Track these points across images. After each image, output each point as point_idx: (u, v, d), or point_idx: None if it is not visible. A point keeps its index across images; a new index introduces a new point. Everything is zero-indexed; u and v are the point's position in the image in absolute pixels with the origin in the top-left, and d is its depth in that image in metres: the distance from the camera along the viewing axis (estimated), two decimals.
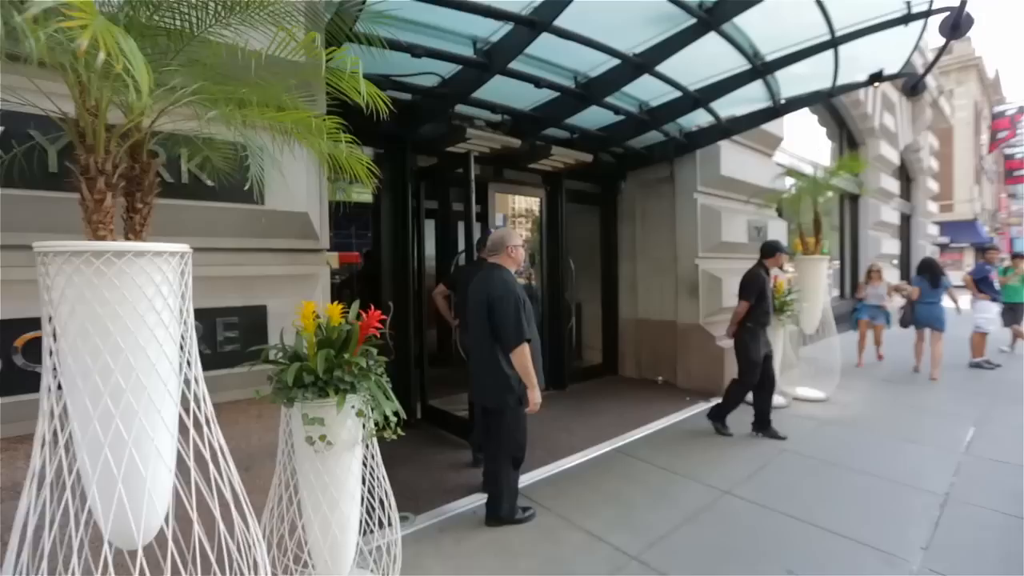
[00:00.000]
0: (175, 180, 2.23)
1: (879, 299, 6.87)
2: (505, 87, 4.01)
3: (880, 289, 6.89)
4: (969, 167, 26.28)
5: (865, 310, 7.00)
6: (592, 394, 5.77)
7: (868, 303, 6.96)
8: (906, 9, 3.49)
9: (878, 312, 6.91)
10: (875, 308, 6.90)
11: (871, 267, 7.14)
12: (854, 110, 10.09)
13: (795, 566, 2.52)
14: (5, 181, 1.76)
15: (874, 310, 6.92)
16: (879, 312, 6.90)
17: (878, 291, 6.89)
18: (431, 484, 3.45)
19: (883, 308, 6.87)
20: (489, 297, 2.74)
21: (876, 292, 6.90)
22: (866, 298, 6.98)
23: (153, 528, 1.51)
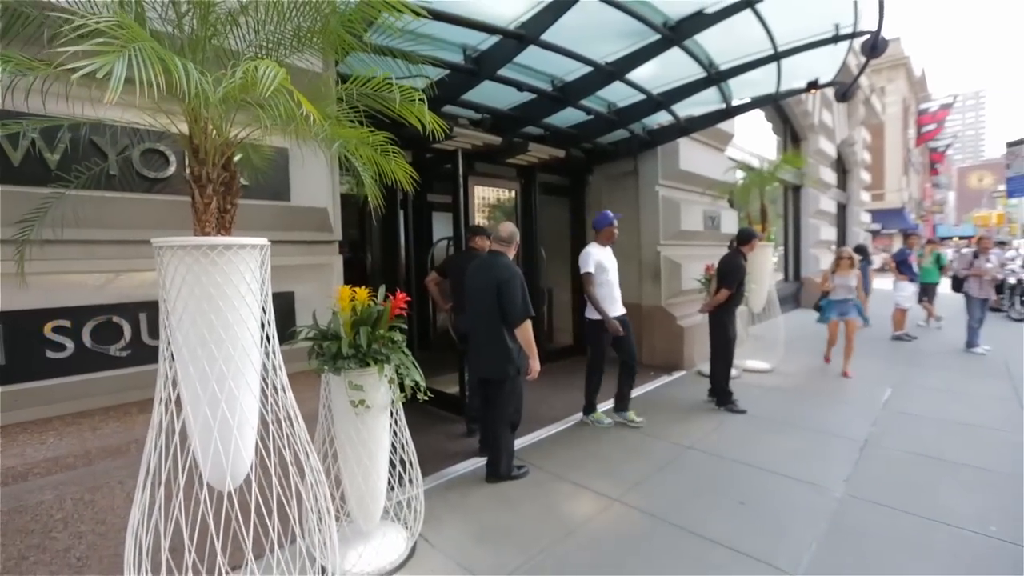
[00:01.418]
0: None
1: (848, 291, 5.84)
2: (489, 89, 4.35)
3: (850, 279, 5.83)
4: (898, 159, 28.43)
5: (833, 308, 5.98)
6: (566, 372, 6.25)
7: (836, 298, 5.96)
8: (835, 31, 4.06)
9: (848, 307, 5.91)
10: (844, 303, 5.92)
11: (840, 253, 6.02)
12: (797, 108, 10.94)
13: (745, 499, 3.08)
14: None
15: (843, 305, 5.92)
16: (849, 307, 5.91)
17: (847, 282, 5.83)
18: (432, 452, 3.82)
19: (853, 301, 5.89)
20: (498, 280, 3.13)
21: (845, 283, 5.85)
22: (833, 291, 5.95)
23: (240, 474, 1.83)
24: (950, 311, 9.01)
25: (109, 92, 1.03)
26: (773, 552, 2.55)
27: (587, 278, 4.26)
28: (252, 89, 1.16)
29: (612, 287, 4.39)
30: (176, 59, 1.12)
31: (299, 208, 2.83)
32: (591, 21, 3.71)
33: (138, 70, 1.04)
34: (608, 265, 4.38)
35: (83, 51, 1.03)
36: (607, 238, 4.50)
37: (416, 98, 1.70)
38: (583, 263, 4.29)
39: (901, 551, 2.54)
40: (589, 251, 4.35)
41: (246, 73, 1.16)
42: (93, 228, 2.13)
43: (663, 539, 2.68)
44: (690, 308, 6.32)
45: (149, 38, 1.16)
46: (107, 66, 1.00)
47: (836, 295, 5.91)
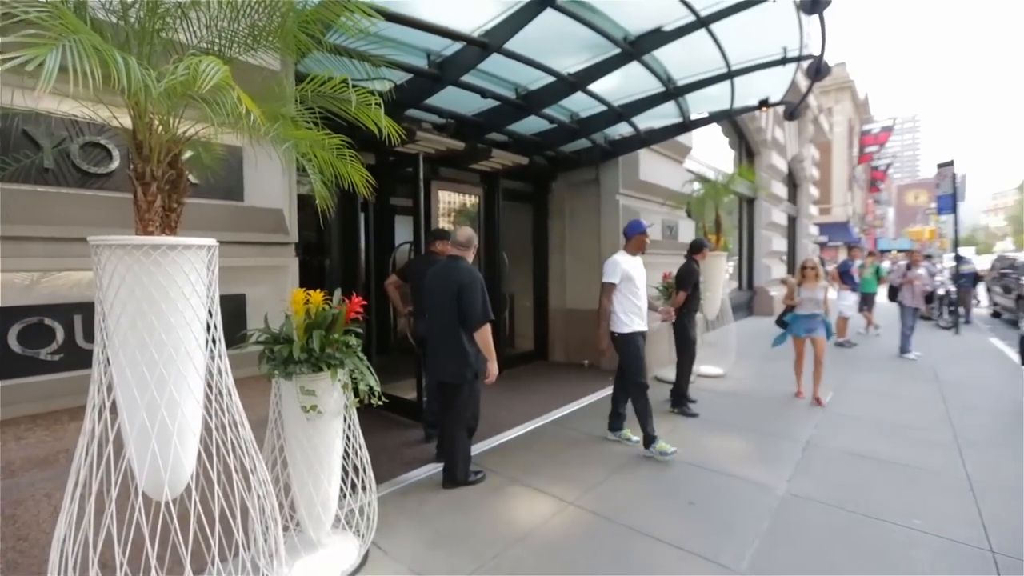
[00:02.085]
0: None
1: (816, 305, 5.18)
2: (453, 95, 4.36)
3: (817, 292, 5.19)
4: (843, 176, 30.05)
5: (800, 323, 5.28)
6: (526, 377, 6.30)
7: (803, 313, 5.25)
8: (783, 54, 4.28)
9: (815, 323, 5.21)
10: (811, 319, 5.22)
11: (805, 263, 5.39)
12: (751, 124, 11.43)
13: (695, 499, 3.18)
14: None
15: (810, 321, 5.22)
16: (817, 323, 5.21)
17: (815, 295, 5.18)
18: (389, 458, 3.77)
19: (821, 317, 5.23)
20: (459, 283, 3.13)
21: (813, 297, 5.19)
22: (800, 305, 5.26)
23: (180, 483, 1.76)
24: (886, 320, 9.58)
25: (40, 83, 0.98)
26: (718, 550, 2.64)
27: (607, 288, 3.92)
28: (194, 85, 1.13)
29: (639, 299, 4.01)
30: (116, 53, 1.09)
31: (253, 209, 2.76)
32: (554, 33, 3.78)
33: (73, 62, 1.00)
34: (636, 276, 4.01)
35: (12, 42, 0.98)
36: (637, 247, 4.13)
37: (373, 102, 1.69)
38: (609, 272, 3.94)
39: (836, 545, 2.68)
40: (617, 260, 3.99)
41: (188, 68, 1.13)
42: (23, 224, 2.00)
43: (615, 541, 2.74)
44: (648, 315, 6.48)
45: (87, 29, 1.12)
46: (39, 58, 0.96)
47: (803, 310, 5.24)
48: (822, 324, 5.22)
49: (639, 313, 4.02)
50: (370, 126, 1.76)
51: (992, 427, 4.45)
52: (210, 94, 1.21)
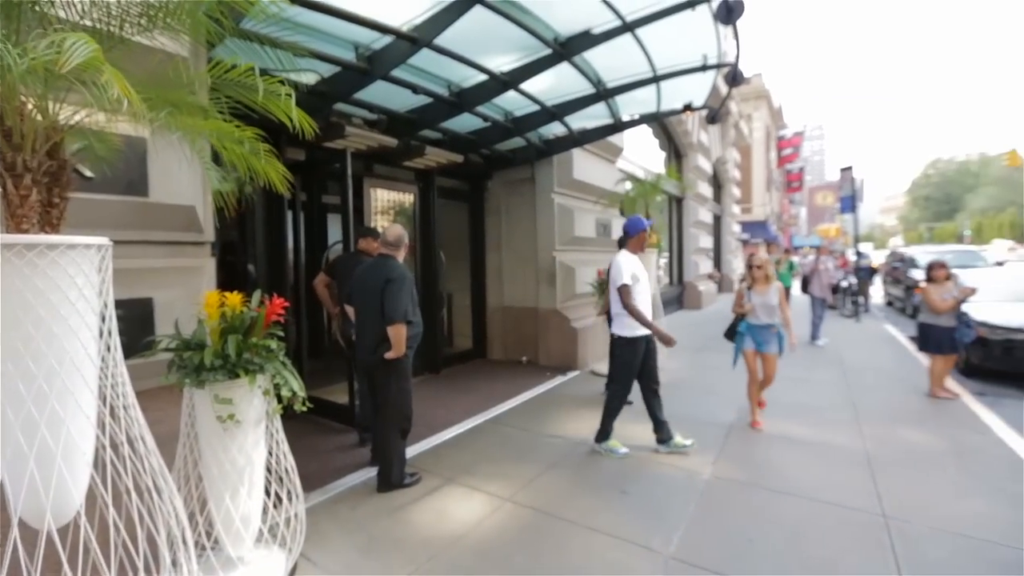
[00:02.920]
0: None
1: (770, 313, 4.28)
2: (384, 90, 4.26)
3: (770, 297, 4.27)
4: (762, 178, 32.20)
5: (751, 335, 4.38)
6: (464, 376, 6.27)
7: (756, 322, 4.35)
8: (703, 61, 4.51)
9: (769, 336, 4.32)
10: (764, 330, 4.32)
11: (752, 261, 4.49)
12: (678, 127, 11.99)
13: (627, 488, 3.29)
14: None
15: (764, 332, 4.32)
16: (771, 336, 4.32)
17: (767, 300, 4.27)
18: (319, 466, 3.62)
19: (777, 328, 4.32)
20: (386, 279, 3.05)
21: (765, 303, 4.29)
22: (751, 313, 4.36)
23: (68, 509, 1.59)
24: (797, 311, 10.36)
25: None
26: (649, 535, 2.74)
27: (625, 291, 3.70)
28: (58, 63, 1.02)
29: (645, 300, 3.85)
30: None
31: (160, 205, 2.55)
32: (486, 31, 3.78)
33: None
34: (640, 275, 3.85)
35: None
36: (639, 246, 3.98)
37: (283, 92, 1.60)
38: (617, 275, 3.76)
39: (754, 521, 2.86)
40: (620, 261, 3.81)
41: (52, 44, 1.01)
42: None
43: (551, 533, 2.78)
44: (584, 311, 6.65)
45: None
46: None
47: (756, 318, 4.33)
48: (776, 337, 4.30)
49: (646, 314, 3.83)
50: (280, 117, 1.67)
51: (887, 405, 4.93)
52: (87, 75, 1.09)
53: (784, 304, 4.30)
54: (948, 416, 4.62)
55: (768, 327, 4.33)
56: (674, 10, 3.72)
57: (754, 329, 4.41)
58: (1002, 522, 2.82)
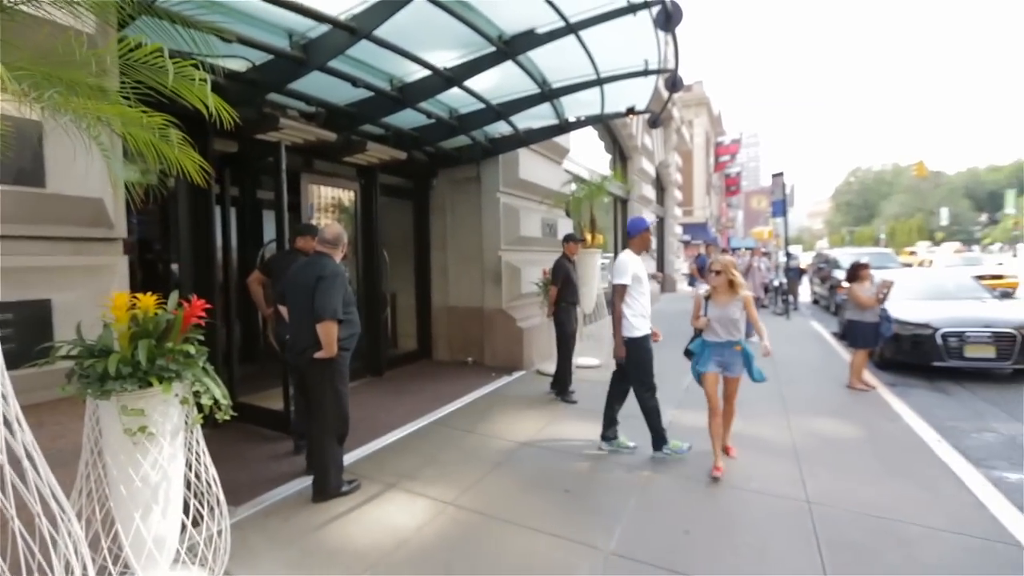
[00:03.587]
0: None
1: (732, 328, 3.55)
2: (322, 81, 4.08)
3: (732, 309, 3.53)
4: (703, 182, 33.65)
5: (709, 355, 3.61)
6: (409, 378, 6.14)
7: (713, 339, 3.59)
8: (644, 66, 4.62)
9: (732, 355, 3.57)
10: (725, 348, 3.56)
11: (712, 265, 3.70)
12: (623, 131, 12.28)
13: (571, 487, 3.31)
14: None
15: (724, 351, 3.57)
16: (734, 356, 3.58)
17: (727, 313, 3.53)
18: (251, 477, 3.42)
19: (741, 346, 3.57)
20: (319, 276, 2.91)
21: (725, 316, 3.53)
22: (708, 329, 3.61)
23: None
24: None
25: None
26: (590, 532, 2.77)
27: (620, 290, 3.65)
28: None
29: (646, 300, 3.80)
30: None
31: (60, 197, 2.31)
32: (428, 25, 3.70)
33: None
34: (643, 276, 3.77)
35: None
36: (642, 245, 3.93)
37: (197, 77, 1.48)
38: (620, 273, 3.67)
39: (690, 512, 2.96)
40: (626, 261, 3.72)
41: None
42: None
43: (493, 536, 2.75)
44: (529, 311, 6.67)
45: None
46: None
47: (712, 335, 3.58)
48: (740, 357, 3.55)
49: (646, 314, 3.79)
50: (195, 103, 1.54)
51: (812, 397, 5.25)
52: None
53: (753, 314, 3.55)
54: (865, 406, 4.97)
55: (729, 345, 3.54)
56: (616, 14, 3.77)
57: (712, 348, 3.59)
58: (911, 502, 3.06)
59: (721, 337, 3.59)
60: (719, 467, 3.46)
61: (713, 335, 3.62)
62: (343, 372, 3.09)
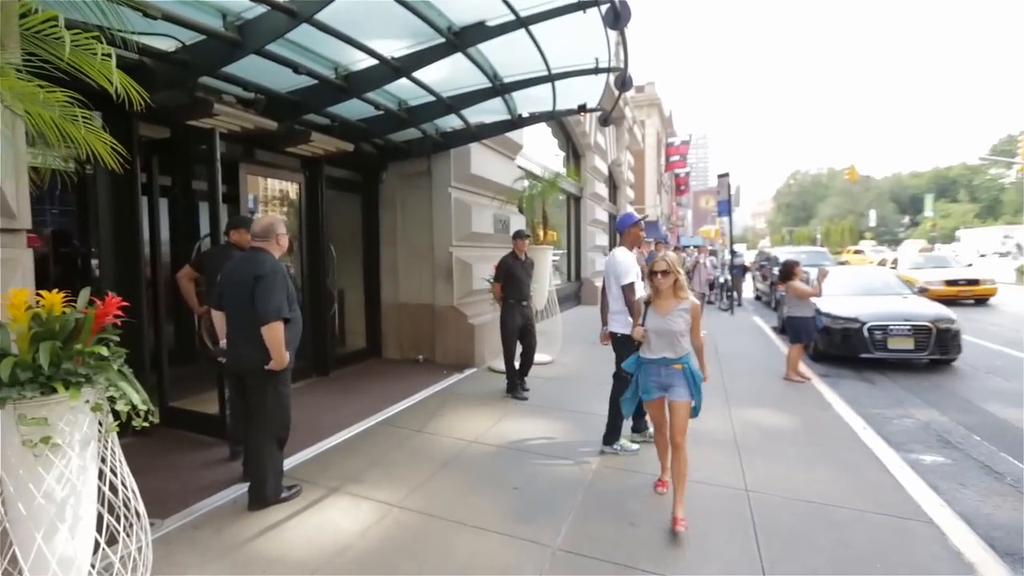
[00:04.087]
0: None
1: (672, 343, 2.87)
2: (260, 66, 3.87)
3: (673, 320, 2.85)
4: (654, 181, 34.56)
5: (647, 375, 2.95)
6: (356, 377, 5.97)
7: (651, 356, 2.92)
8: (595, 64, 4.65)
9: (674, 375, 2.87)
10: (664, 367, 2.88)
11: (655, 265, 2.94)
12: (577, 129, 12.39)
13: (519, 484, 3.30)
14: None
15: (664, 372, 2.89)
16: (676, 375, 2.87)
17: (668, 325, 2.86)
18: (180, 487, 3.21)
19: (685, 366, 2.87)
20: (256, 275, 2.75)
21: (665, 328, 2.86)
22: (646, 342, 2.94)
23: None
24: None
25: None
26: (538, 529, 2.76)
27: (630, 288, 3.61)
28: None
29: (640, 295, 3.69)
30: None
31: None
32: (375, 12, 3.58)
33: None
34: (637, 272, 3.76)
35: None
36: (634, 241, 3.96)
37: (99, 51, 1.34)
38: (624, 273, 3.63)
39: (635, 505, 3.01)
40: (623, 260, 3.70)
41: None
42: None
43: (439, 537, 2.69)
44: (481, 308, 6.62)
45: None
46: None
47: (649, 351, 2.94)
48: (683, 378, 2.85)
49: None
50: (98, 79, 1.40)
51: (752, 389, 5.48)
52: None
53: (697, 328, 2.90)
54: (799, 396, 5.24)
55: (668, 364, 2.86)
56: (566, 10, 3.77)
57: (650, 367, 2.92)
58: (839, 486, 3.23)
59: (656, 354, 2.89)
60: (664, 481, 3.20)
61: (648, 351, 2.94)
62: (284, 373, 2.93)
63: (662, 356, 2.91)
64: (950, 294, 12.64)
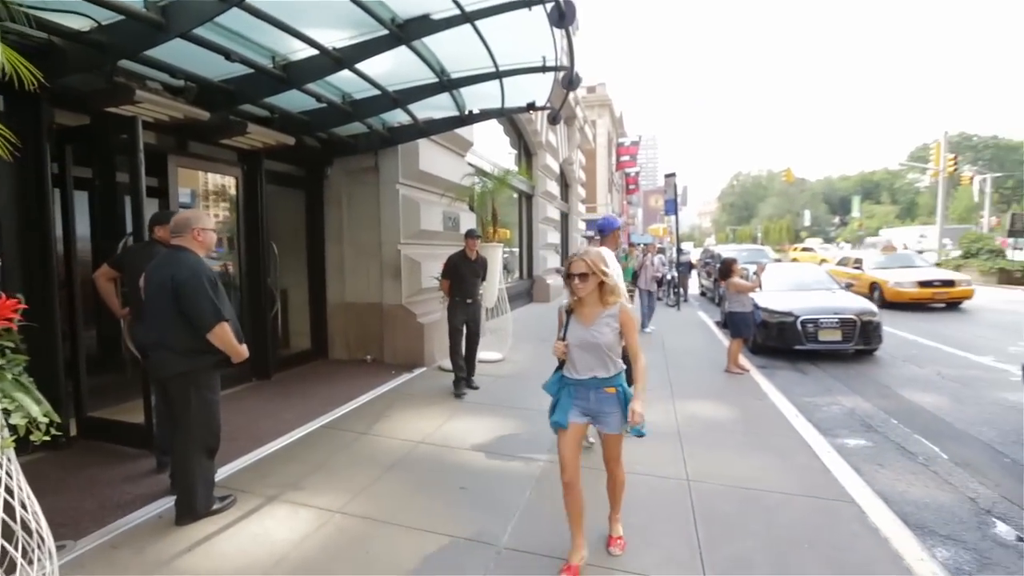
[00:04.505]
0: None
1: (601, 359, 2.34)
2: (189, 51, 3.64)
3: (598, 329, 2.32)
4: (605, 180, 35.28)
5: (567, 398, 2.42)
6: (301, 379, 5.75)
7: (575, 376, 2.38)
8: (542, 62, 4.67)
9: (604, 400, 2.35)
10: (590, 389, 2.35)
11: (571, 265, 2.37)
12: (528, 127, 12.45)
13: (466, 484, 3.26)
14: None
15: (589, 394, 2.36)
16: (606, 399, 2.34)
17: (594, 336, 2.32)
18: (98, 504, 2.97)
19: (619, 389, 2.34)
20: (174, 280, 2.56)
21: (590, 341, 2.32)
22: (574, 361, 2.38)
23: None
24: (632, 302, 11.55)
25: None
26: (484, 528, 2.74)
27: None
28: None
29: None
30: None
31: None
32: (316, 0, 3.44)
33: None
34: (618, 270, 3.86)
35: None
36: (615, 243, 4.28)
37: None
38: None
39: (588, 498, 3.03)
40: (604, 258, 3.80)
41: None
42: None
43: (382, 541, 2.62)
44: (430, 306, 6.53)
45: None
46: None
47: (576, 369, 2.39)
48: (617, 404, 2.34)
49: None
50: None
51: (695, 382, 5.68)
52: None
53: (633, 341, 2.36)
54: (739, 388, 5.47)
55: (598, 386, 2.32)
56: (511, 6, 3.75)
57: (576, 389, 2.37)
58: (773, 472, 3.39)
59: (581, 373, 2.34)
60: (572, 567, 2.33)
61: (571, 370, 2.38)
62: (211, 379, 2.77)
63: (591, 376, 2.33)
64: (923, 297, 11.23)
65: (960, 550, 2.74)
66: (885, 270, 12.47)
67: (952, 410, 4.94)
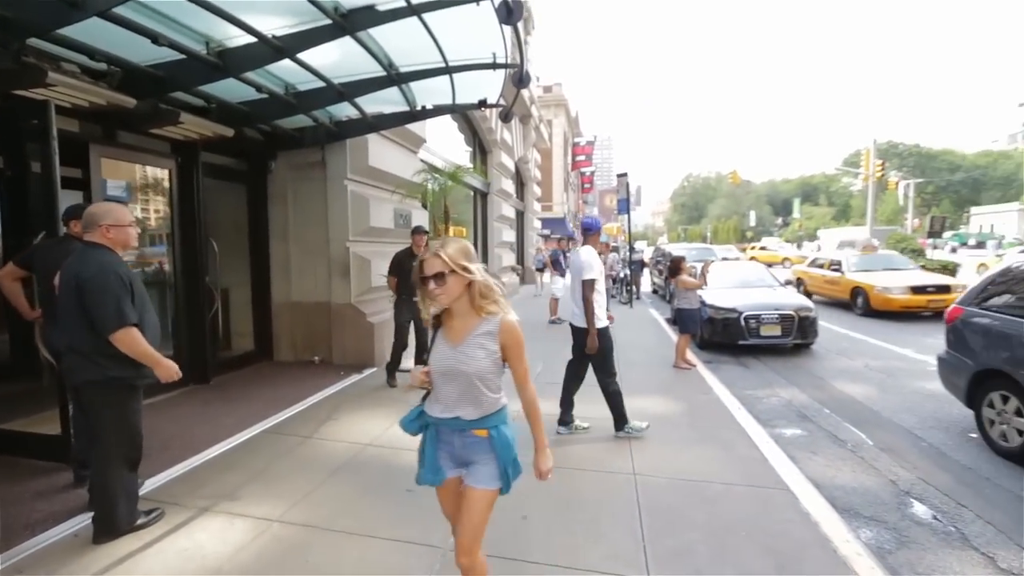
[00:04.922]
0: None
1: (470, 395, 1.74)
2: (111, 32, 3.38)
3: (471, 353, 1.72)
4: (561, 179, 35.69)
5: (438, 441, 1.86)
6: (242, 383, 5.49)
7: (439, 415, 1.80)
8: (492, 59, 4.64)
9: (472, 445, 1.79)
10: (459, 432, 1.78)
11: (427, 266, 1.69)
12: (483, 124, 12.39)
13: (413, 486, 3.17)
14: None
15: (459, 438, 1.79)
16: (474, 445, 1.79)
17: (463, 361, 1.71)
18: (9, 521, 2.72)
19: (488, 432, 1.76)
20: (78, 278, 2.36)
21: (459, 364, 1.71)
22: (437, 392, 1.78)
23: None
24: None
25: None
26: (430, 530, 2.67)
27: (590, 285, 4.00)
28: None
29: (602, 296, 4.23)
30: None
31: None
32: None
33: None
34: (602, 271, 4.26)
35: None
36: (598, 242, 4.51)
37: None
38: (586, 269, 4.01)
39: (533, 499, 2.98)
40: (588, 259, 4.08)
41: None
42: None
43: (322, 549, 2.53)
44: (380, 305, 6.38)
45: None
46: None
47: (440, 402, 1.79)
48: (489, 450, 1.80)
49: (604, 306, 4.22)
50: None
51: (645, 377, 5.82)
52: None
53: (517, 364, 1.86)
54: (686, 382, 5.64)
55: (459, 428, 1.80)
56: (457, 1, 3.70)
57: (440, 430, 1.86)
58: (715, 463, 3.51)
59: (447, 410, 1.78)
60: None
61: (435, 403, 1.82)
62: (131, 386, 2.57)
63: (454, 416, 1.76)
64: (916, 305, 9.80)
65: (882, 530, 2.92)
66: (868, 273, 10.93)
67: (878, 399, 5.28)
